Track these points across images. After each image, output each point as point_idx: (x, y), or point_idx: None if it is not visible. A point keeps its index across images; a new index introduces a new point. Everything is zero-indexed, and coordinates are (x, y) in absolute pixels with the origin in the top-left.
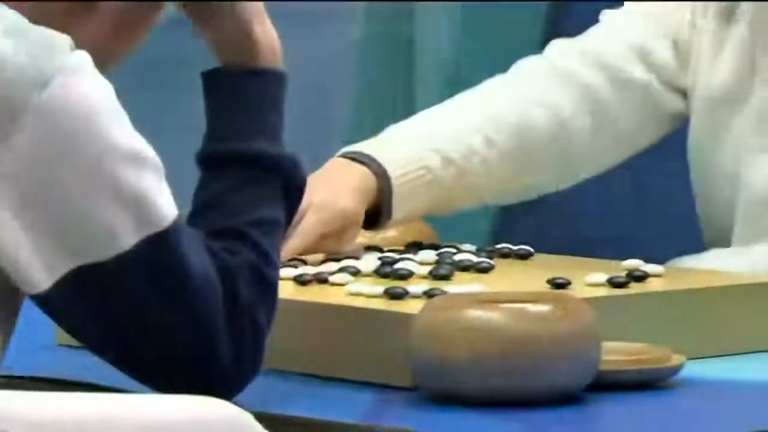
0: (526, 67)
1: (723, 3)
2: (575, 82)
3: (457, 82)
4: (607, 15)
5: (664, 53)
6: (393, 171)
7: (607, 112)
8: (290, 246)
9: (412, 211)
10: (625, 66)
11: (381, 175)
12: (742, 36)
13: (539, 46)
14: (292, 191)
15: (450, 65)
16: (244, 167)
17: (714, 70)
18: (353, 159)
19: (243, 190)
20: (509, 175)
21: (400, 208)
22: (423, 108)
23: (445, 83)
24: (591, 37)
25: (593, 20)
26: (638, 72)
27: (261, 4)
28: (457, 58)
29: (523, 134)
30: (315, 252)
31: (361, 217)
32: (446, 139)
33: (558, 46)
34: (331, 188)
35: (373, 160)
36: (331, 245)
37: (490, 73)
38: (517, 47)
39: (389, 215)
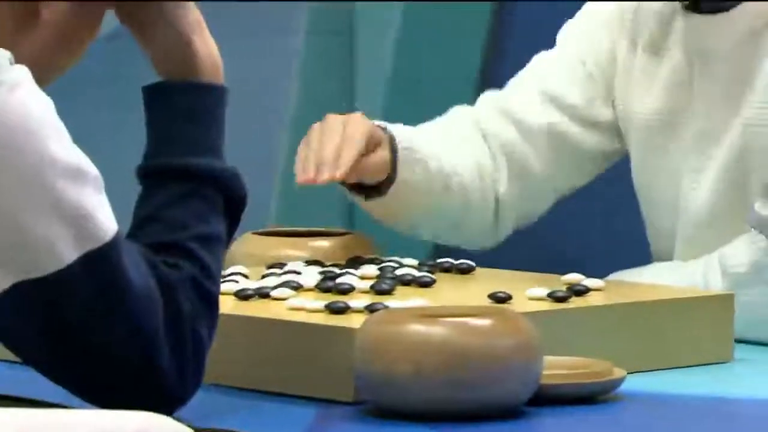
0: (456, 118)
1: (654, 35)
2: (491, 136)
3: (399, 87)
4: (535, 59)
5: (579, 94)
6: (395, 133)
7: (521, 162)
8: (347, 154)
9: (408, 180)
10: (534, 113)
11: (386, 131)
12: (675, 62)
13: (484, 49)
14: (233, 205)
15: (392, 69)
16: (185, 181)
17: (648, 99)
18: None
19: (184, 204)
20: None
21: (401, 172)
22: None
23: (386, 89)
24: (511, 86)
25: (538, 20)
26: (547, 116)
27: (199, 14)
28: (399, 61)
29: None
30: (363, 156)
31: (387, 144)
32: None
33: (484, 99)
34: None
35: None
36: (363, 160)
37: (434, 78)
38: (461, 50)
39: (393, 177)
